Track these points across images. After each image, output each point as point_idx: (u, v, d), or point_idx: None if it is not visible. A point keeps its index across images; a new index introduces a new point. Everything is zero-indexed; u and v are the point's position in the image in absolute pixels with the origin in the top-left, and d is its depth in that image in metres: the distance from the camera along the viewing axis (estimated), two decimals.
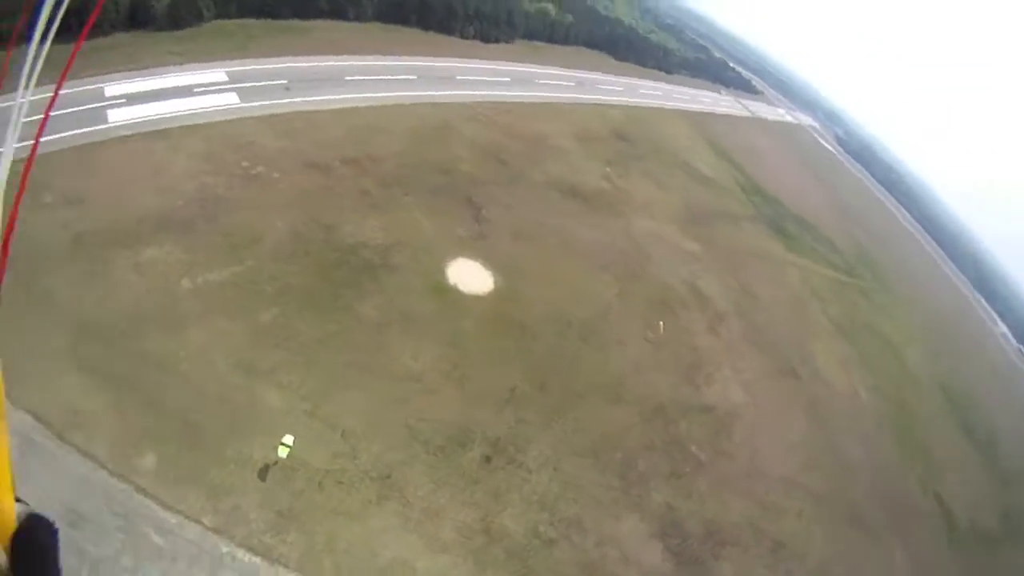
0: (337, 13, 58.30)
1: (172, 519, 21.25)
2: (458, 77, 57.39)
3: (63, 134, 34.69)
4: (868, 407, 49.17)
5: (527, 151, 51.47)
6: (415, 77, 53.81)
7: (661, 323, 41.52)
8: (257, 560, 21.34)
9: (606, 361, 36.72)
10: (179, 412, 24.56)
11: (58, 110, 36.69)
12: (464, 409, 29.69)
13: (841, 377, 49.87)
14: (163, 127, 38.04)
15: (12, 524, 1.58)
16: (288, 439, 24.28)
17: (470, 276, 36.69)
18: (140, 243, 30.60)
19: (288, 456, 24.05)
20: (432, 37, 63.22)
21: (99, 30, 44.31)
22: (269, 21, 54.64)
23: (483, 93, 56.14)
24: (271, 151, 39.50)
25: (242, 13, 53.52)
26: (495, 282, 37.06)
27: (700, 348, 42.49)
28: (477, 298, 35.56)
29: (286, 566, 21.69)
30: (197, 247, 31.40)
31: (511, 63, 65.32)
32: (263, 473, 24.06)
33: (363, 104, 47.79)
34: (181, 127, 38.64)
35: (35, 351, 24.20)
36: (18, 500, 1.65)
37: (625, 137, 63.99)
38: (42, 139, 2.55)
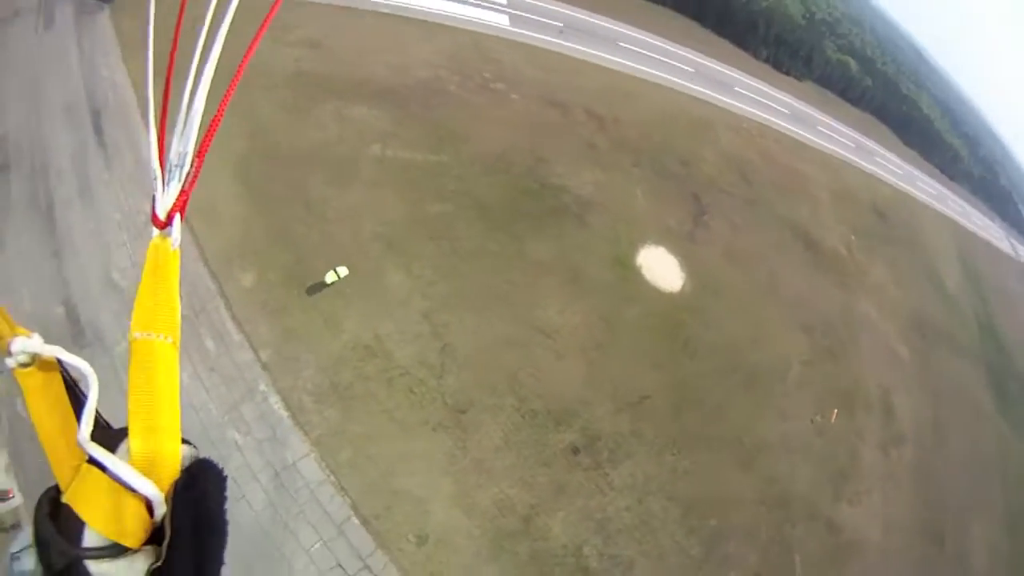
0: None
1: (235, 336, 17.93)
2: (736, 88, 48.44)
3: None
4: None
5: (777, 182, 41.72)
6: (692, 70, 45.86)
7: (836, 412, 32.28)
8: (285, 414, 17.14)
9: (757, 421, 27.37)
10: (301, 251, 21.15)
11: None
12: (582, 389, 22.89)
13: (984, 567, 37.31)
14: (423, 18, 35.37)
15: (177, 469, 1.15)
16: (343, 270, 20.67)
17: (661, 268, 29.32)
18: (353, 99, 27.97)
19: (333, 284, 20.53)
20: (723, 44, 54.22)
21: None
22: None
23: (755, 112, 47.21)
24: (518, 75, 34.67)
25: None
26: (683, 286, 29.22)
27: (862, 460, 31.79)
28: (657, 291, 28.14)
29: (306, 434, 17.19)
30: (403, 123, 27.93)
31: (795, 98, 54.81)
32: (311, 289, 20.56)
33: (629, 71, 41.06)
34: (440, 24, 35.62)
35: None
36: (185, 442, 1.20)
37: (883, 216, 50.62)
38: None
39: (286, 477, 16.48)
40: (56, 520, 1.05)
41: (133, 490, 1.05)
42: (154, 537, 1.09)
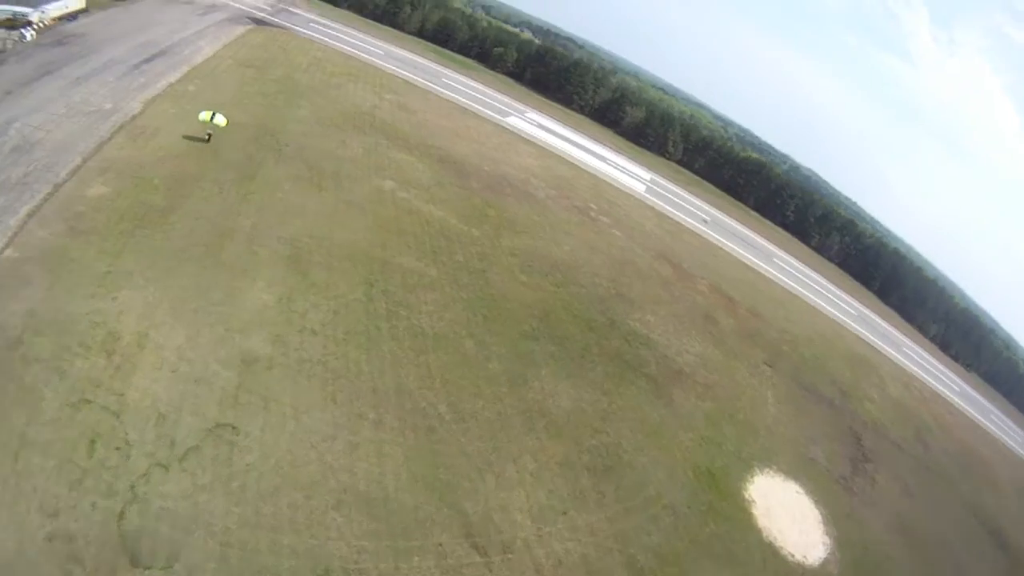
0: (800, 233, 47.89)
1: (12, 221, 12.47)
2: (904, 348, 38.69)
3: (463, 99, 34.79)
4: None
5: (957, 456, 27.99)
6: (854, 312, 37.53)
7: None
8: None
9: None
10: (188, 207, 15.01)
11: (489, 99, 37.46)
12: None
13: None
14: (539, 146, 33.60)
15: None
16: (221, 118, 16.99)
17: (788, 517, 14.83)
18: (402, 149, 24.01)
19: (202, 123, 16.98)
20: (888, 311, 46.41)
21: (572, 106, 46.93)
22: (727, 196, 46.94)
23: (923, 376, 36.39)
24: (632, 222, 28.21)
25: (708, 176, 48.30)
26: (826, 560, 14.17)
27: None
28: (774, 555, 13.32)
29: None
30: (445, 186, 22.26)
31: (963, 380, 43.31)
32: (187, 136, 16.99)
33: (776, 280, 33.03)
34: (558, 156, 33.32)
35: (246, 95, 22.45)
36: None
37: None
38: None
39: None
40: None
41: None
42: None
